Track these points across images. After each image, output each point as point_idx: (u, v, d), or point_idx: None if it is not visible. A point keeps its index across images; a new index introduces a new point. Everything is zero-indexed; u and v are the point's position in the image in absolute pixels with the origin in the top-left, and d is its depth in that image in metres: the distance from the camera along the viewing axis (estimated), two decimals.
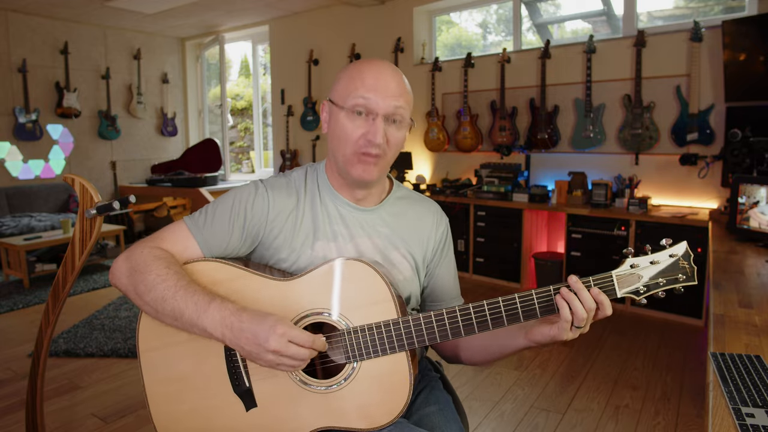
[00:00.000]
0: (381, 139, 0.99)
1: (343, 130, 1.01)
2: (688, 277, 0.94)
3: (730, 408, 0.88)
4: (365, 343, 0.98)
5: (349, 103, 0.99)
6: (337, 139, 1.03)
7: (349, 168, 1.03)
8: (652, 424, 2.20)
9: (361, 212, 1.11)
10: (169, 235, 1.04)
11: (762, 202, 2.25)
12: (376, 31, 5.18)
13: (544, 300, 0.92)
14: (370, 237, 1.10)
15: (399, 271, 1.11)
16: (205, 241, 1.04)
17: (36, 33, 5.61)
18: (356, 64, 1.03)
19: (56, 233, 4.49)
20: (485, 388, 2.52)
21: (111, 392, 2.50)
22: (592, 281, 0.92)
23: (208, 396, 1.02)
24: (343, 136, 1.01)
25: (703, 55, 3.48)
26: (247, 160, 9.17)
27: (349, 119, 1.00)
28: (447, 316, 0.95)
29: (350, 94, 1.00)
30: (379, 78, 1.00)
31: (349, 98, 1.00)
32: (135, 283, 0.97)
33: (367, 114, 0.99)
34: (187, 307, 0.92)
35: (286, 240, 1.07)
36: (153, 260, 0.97)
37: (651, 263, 0.94)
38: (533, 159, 4.36)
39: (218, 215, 1.05)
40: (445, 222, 1.21)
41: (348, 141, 1.01)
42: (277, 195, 1.07)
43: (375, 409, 0.98)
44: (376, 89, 0.99)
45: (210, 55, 7.40)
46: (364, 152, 1.00)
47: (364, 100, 0.99)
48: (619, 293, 0.93)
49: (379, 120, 0.99)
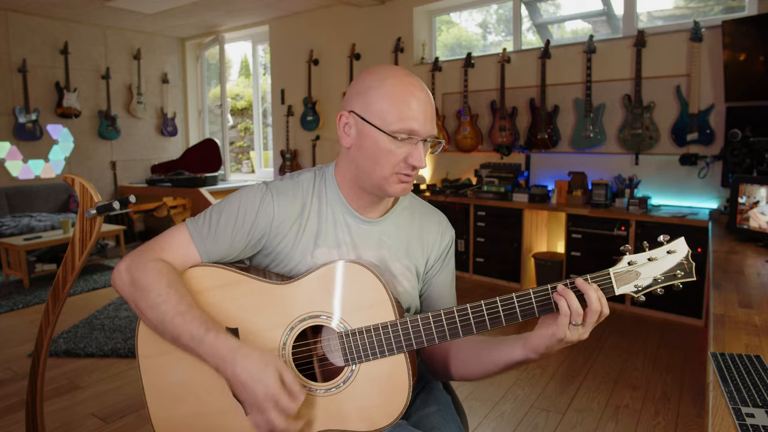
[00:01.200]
0: (425, 163, 1.01)
1: (384, 153, 0.99)
2: (687, 273, 0.94)
3: (730, 408, 0.88)
4: (363, 346, 0.98)
5: (394, 127, 0.98)
6: (373, 159, 1.01)
7: (386, 187, 1.02)
8: (652, 424, 2.20)
9: (367, 224, 1.11)
10: (171, 243, 1.04)
11: (762, 202, 2.25)
12: (376, 31, 5.18)
13: (542, 297, 0.92)
14: (373, 248, 1.10)
15: (400, 282, 1.11)
16: (206, 250, 1.04)
17: (36, 33, 5.61)
18: (393, 84, 0.99)
19: (56, 233, 4.49)
20: (485, 388, 2.51)
21: (111, 392, 2.50)
22: (590, 279, 0.92)
23: (208, 401, 1.02)
24: (382, 159, 1.00)
25: (703, 55, 3.48)
26: (247, 160, 9.17)
27: (392, 143, 0.99)
28: (445, 316, 0.96)
29: (396, 119, 0.98)
30: (422, 104, 0.99)
31: (394, 123, 0.98)
32: (136, 299, 0.98)
33: (409, 138, 0.99)
34: (183, 335, 0.94)
35: (288, 246, 1.07)
36: (155, 278, 0.97)
37: (649, 260, 0.94)
38: (533, 159, 4.36)
39: (222, 222, 1.04)
40: (450, 234, 1.20)
41: (389, 163, 1.00)
42: (283, 201, 1.07)
43: (375, 411, 0.98)
44: (423, 117, 0.99)
45: (210, 55, 7.40)
46: (406, 173, 1.01)
47: (412, 128, 0.98)
48: (617, 291, 0.93)
49: (421, 145, 1.00)
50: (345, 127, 1.04)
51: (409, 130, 0.98)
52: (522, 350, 0.97)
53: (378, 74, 1.01)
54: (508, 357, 0.99)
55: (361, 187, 1.06)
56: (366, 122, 1.00)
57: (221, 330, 0.95)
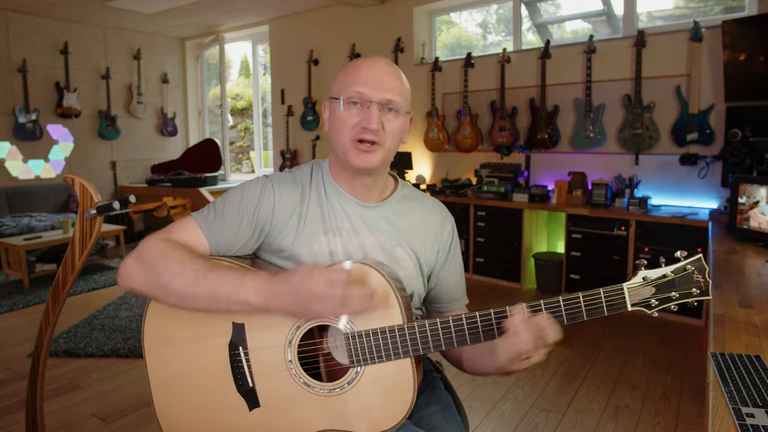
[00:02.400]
0: (376, 125, 1.02)
1: (339, 120, 1.04)
2: (702, 291, 0.91)
3: (730, 408, 0.88)
4: (370, 348, 0.97)
5: (344, 94, 1.03)
6: (335, 130, 1.06)
7: (349, 157, 1.04)
8: (652, 424, 2.20)
9: (365, 208, 1.11)
10: (178, 229, 1.04)
11: (762, 202, 2.25)
12: (376, 31, 5.18)
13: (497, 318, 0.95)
14: (374, 234, 1.10)
15: (402, 267, 1.11)
16: (213, 236, 1.04)
17: (36, 33, 5.60)
18: (353, 61, 1.09)
19: (56, 233, 4.49)
20: (485, 388, 2.52)
21: (111, 392, 2.50)
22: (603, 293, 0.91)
23: (212, 395, 1.02)
24: (339, 126, 1.04)
25: (703, 55, 3.48)
26: (247, 160, 9.18)
27: (345, 109, 1.03)
28: (453, 323, 0.96)
29: (346, 86, 1.04)
30: (372, 69, 1.04)
31: (344, 90, 1.03)
32: (157, 276, 0.96)
33: (362, 104, 1.03)
34: (222, 285, 0.93)
35: (290, 234, 1.07)
36: (172, 249, 0.98)
37: (664, 276, 0.92)
38: (533, 159, 4.36)
39: (227, 210, 1.06)
40: (450, 222, 1.21)
41: (344, 129, 1.03)
42: (284, 189, 1.09)
43: (378, 414, 0.98)
44: (370, 79, 1.03)
45: (210, 55, 7.39)
46: (360, 139, 1.03)
47: (359, 89, 1.02)
48: (630, 306, 0.92)
49: (374, 107, 1.02)
50: (325, 114, 1.10)
51: (357, 93, 1.02)
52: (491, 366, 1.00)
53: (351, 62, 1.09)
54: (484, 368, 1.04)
55: (342, 166, 1.09)
56: (332, 99, 1.07)
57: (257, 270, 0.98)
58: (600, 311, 0.91)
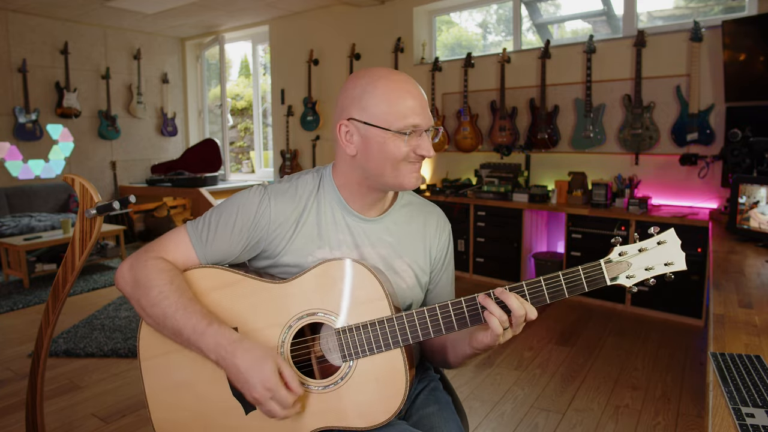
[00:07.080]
0: (434, 151, 1.06)
1: (389, 151, 1.01)
2: (677, 264, 0.95)
3: (730, 408, 0.88)
4: (360, 341, 0.99)
5: (399, 125, 1.00)
6: (383, 159, 1.02)
7: (403, 181, 1.04)
8: (652, 424, 2.20)
9: (367, 222, 1.12)
10: (171, 244, 1.06)
11: (762, 202, 2.25)
12: (376, 31, 5.18)
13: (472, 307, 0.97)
14: (375, 247, 1.11)
15: (402, 279, 1.12)
16: (203, 253, 1.06)
17: (36, 33, 5.60)
18: (385, 85, 1.02)
19: (56, 233, 4.49)
20: (485, 388, 2.52)
21: (111, 392, 2.50)
22: (582, 270, 0.95)
23: (208, 400, 1.03)
24: (391, 157, 1.02)
25: (703, 55, 3.48)
26: (247, 160, 9.17)
27: (400, 139, 1.01)
28: (440, 311, 0.98)
29: (399, 118, 1.00)
30: (417, 98, 1.02)
31: (398, 122, 1.00)
32: (138, 297, 1.00)
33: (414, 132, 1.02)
34: (186, 328, 0.96)
35: (288, 248, 1.07)
36: (156, 274, 1.00)
37: (639, 251, 0.96)
38: (533, 159, 4.36)
39: (221, 226, 1.06)
40: (447, 229, 1.23)
41: (395, 158, 1.02)
42: (281, 203, 1.07)
43: (373, 407, 0.99)
44: (417, 108, 1.01)
45: (210, 55, 7.39)
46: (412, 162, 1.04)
47: (414, 122, 1.01)
48: (609, 281, 0.95)
49: (426, 135, 1.04)
50: (347, 136, 1.04)
51: (413, 125, 1.01)
52: (469, 347, 1.03)
53: (367, 78, 1.03)
54: (464, 351, 1.06)
55: (369, 187, 1.08)
56: (370, 126, 1.01)
57: (222, 323, 0.97)
58: (580, 287, 0.95)
